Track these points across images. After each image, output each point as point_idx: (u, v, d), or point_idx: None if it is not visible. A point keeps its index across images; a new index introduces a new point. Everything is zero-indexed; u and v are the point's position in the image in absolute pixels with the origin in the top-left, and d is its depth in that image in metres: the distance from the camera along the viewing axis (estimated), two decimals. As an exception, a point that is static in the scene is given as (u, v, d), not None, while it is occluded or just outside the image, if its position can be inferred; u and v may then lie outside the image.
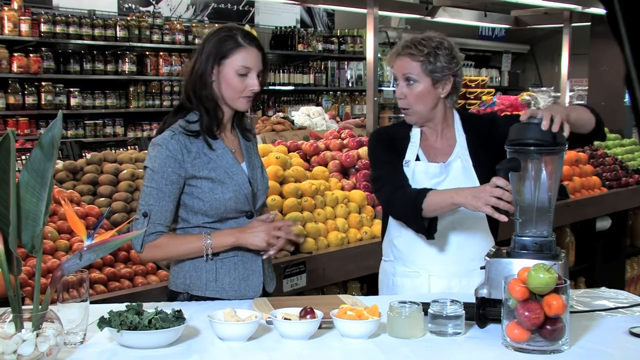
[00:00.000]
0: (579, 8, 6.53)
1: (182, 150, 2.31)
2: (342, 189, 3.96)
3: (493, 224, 2.52)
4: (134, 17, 7.90)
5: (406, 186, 2.44)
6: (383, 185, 2.49)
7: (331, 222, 3.69)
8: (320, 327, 1.97)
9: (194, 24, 8.61)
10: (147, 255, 2.34)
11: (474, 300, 2.06)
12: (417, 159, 2.52)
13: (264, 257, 2.39)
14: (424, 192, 2.36)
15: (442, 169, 2.48)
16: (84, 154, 3.91)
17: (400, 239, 2.55)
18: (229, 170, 2.36)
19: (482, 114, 2.76)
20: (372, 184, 2.70)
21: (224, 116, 2.42)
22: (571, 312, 1.93)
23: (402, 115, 2.56)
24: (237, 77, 2.34)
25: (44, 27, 7.05)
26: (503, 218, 2.15)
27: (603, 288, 2.48)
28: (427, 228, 2.37)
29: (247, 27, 9.19)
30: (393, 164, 2.51)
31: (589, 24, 6.88)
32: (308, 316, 1.95)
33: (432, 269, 2.50)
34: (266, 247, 2.33)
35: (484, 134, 2.52)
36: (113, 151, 3.83)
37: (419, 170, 2.49)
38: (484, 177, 2.43)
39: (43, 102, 7.18)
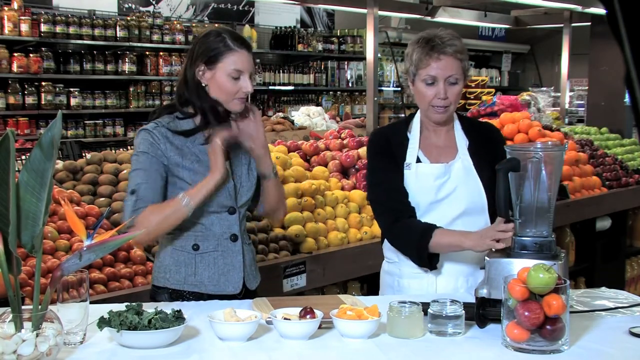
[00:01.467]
0: (579, 8, 6.53)
1: (164, 140, 2.35)
2: (342, 189, 3.95)
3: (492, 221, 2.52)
4: (134, 17, 7.90)
5: (404, 211, 2.44)
6: (383, 212, 2.50)
7: (331, 222, 3.69)
8: (320, 327, 1.97)
9: (194, 24, 8.61)
10: (140, 230, 2.25)
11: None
12: (418, 160, 2.50)
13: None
14: (429, 231, 2.37)
15: (446, 169, 2.47)
16: (84, 154, 3.91)
17: None
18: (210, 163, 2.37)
19: (482, 121, 2.73)
20: (368, 191, 2.66)
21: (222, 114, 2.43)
22: (571, 312, 1.93)
23: (403, 115, 2.55)
24: (230, 80, 2.36)
25: (44, 27, 7.06)
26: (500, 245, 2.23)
27: (603, 288, 2.48)
28: (429, 262, 2.41)
29: (246, 27, 9.21)
30: (388, 172, 2.49)
31: (589, 24, 6.89)
32: (308, 316, 1.95)
33: (440, 269, 2.49)
34: None
35: (485, 138, 2.51)
36: (113, 151, 3.83)
37: (422, 172, 2.47)
38: (485, 179, 2.43)
39: (43, 102, 7.18)
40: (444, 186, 2.45)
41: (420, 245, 2.38)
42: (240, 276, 2.44)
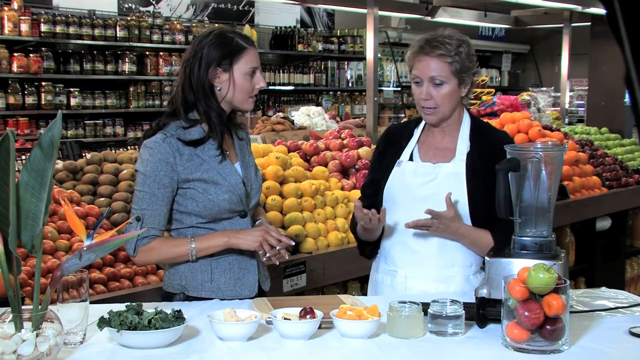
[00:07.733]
0: (579, 8, 6.54)
1: (174, 154, 2.31)
2: (342, 189, 3.95)
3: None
4: (134, 17, 7.90)
5: (366, 204, 2.51)
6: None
7: (331, 222, 3.69)
8: (320, 327, 1.98)
9: (194, 24, 8.61)
10: (140, 258, 2.34)
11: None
12: (411, 158, 2.52)
13: (263, 259, 2.38)
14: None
15: (432, 170, 2.47)
16: (84, 154, 3.91)
17: (385, 237, 2.56)
18: (222, 171, 2.36)
19: (497, 130, 2.68)
20: None
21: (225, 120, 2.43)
22: (571, 312, 1.93)
23: (403, 115, 2.56)
24: (247, 78, 2.37)
25: (44, 27, 7.06)
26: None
27: (603, 288, 2.48)
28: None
29: (247, 27, 9.21)
30: (374, 170, 2.61)
31: (589, 24, 6.89)
32: (308, 316, 1.95)
33: (410, 271, 2.49)
34: (258, 247, 2.33)
35: (490, 148, 2.45)
36: (113, 151, 3.83)
37: (408, 170, 2.49)
38: (473, 188, 2.41)
39: (43, 102, 7.18)
40: (426, 186, 2.44)
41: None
42: (255, 279, 2.45)
